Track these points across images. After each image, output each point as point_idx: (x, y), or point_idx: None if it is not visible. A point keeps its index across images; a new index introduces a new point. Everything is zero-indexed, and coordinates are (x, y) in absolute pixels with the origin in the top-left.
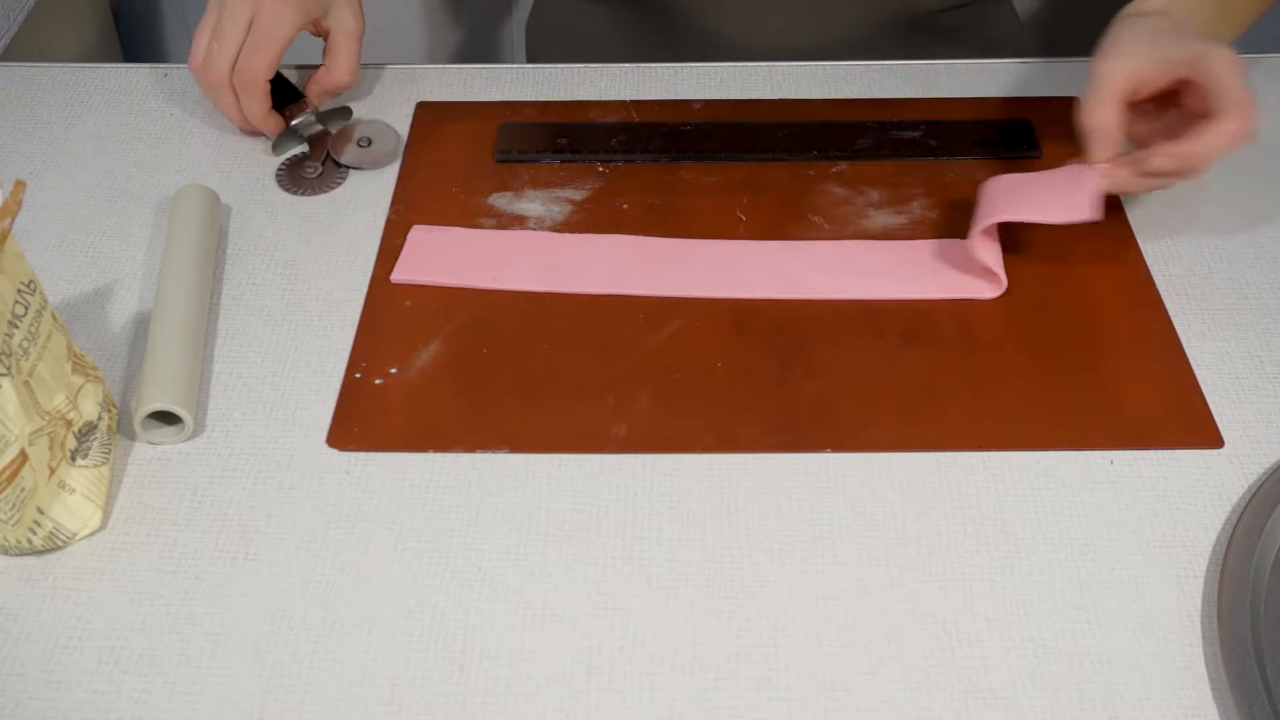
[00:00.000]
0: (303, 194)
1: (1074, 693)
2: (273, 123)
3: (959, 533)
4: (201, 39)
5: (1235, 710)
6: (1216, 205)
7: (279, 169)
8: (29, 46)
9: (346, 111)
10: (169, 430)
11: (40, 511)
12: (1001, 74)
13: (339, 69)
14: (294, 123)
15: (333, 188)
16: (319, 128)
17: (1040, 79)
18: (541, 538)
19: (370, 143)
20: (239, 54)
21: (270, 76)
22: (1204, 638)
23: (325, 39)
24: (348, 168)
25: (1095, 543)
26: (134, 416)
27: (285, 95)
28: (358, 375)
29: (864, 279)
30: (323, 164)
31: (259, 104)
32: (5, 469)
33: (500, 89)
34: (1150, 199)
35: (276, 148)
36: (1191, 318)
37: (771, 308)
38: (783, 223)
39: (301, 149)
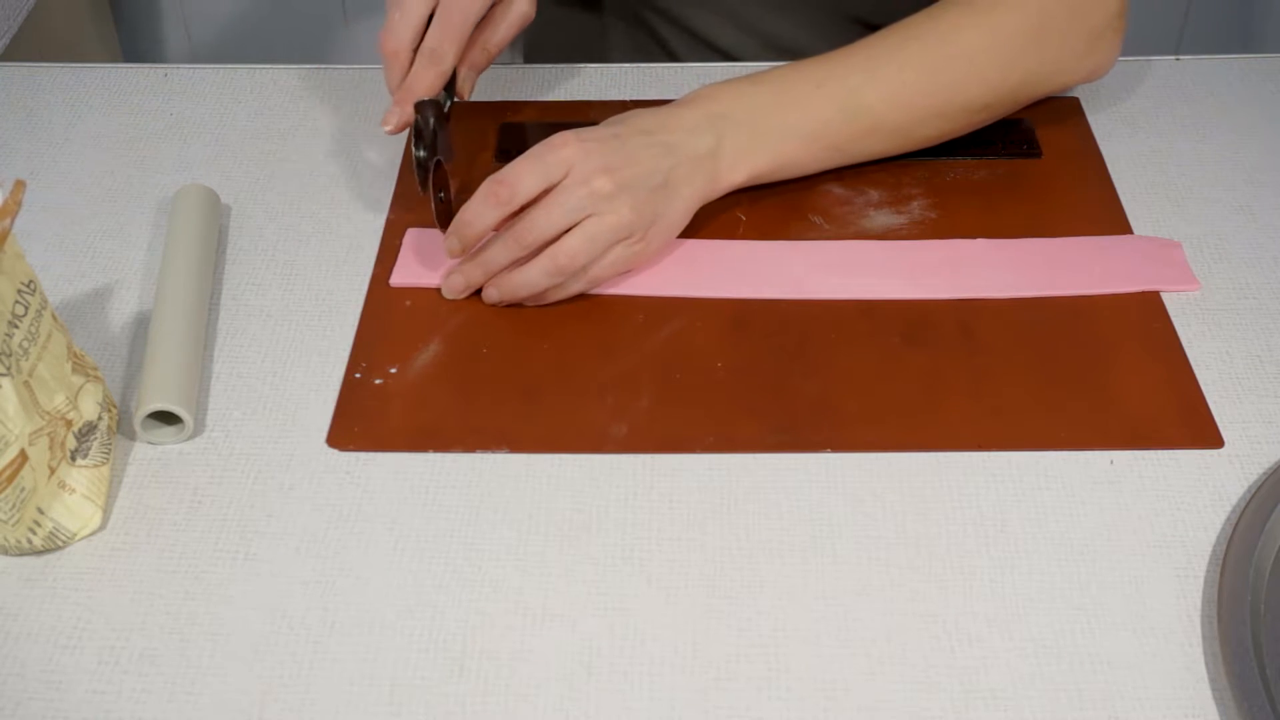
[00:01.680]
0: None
1: (1074, 693)
2: (406, 109)
3: (959, 533)
4: (390, 12)
5: (1235, 710)
6: (1216, 206)
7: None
8: (29, 46)
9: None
10: (169, 430)
11: (40, 511)
12: None
13: (480, 42)
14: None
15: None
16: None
17: None
18: (541, 538)
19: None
20: (424, 27)
21: (458, 53)
22: (1204, 638)
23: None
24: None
25: (1095, 543)
26: (134, 416)
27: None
28: (358, 375)
29: (864, 278)
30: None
31: (431, 79)
32: (5, 469)
33: (500, 89)
34: (1148, 198)
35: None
36: (1191, 318)
37: (771, 308)
38: (783, 223)
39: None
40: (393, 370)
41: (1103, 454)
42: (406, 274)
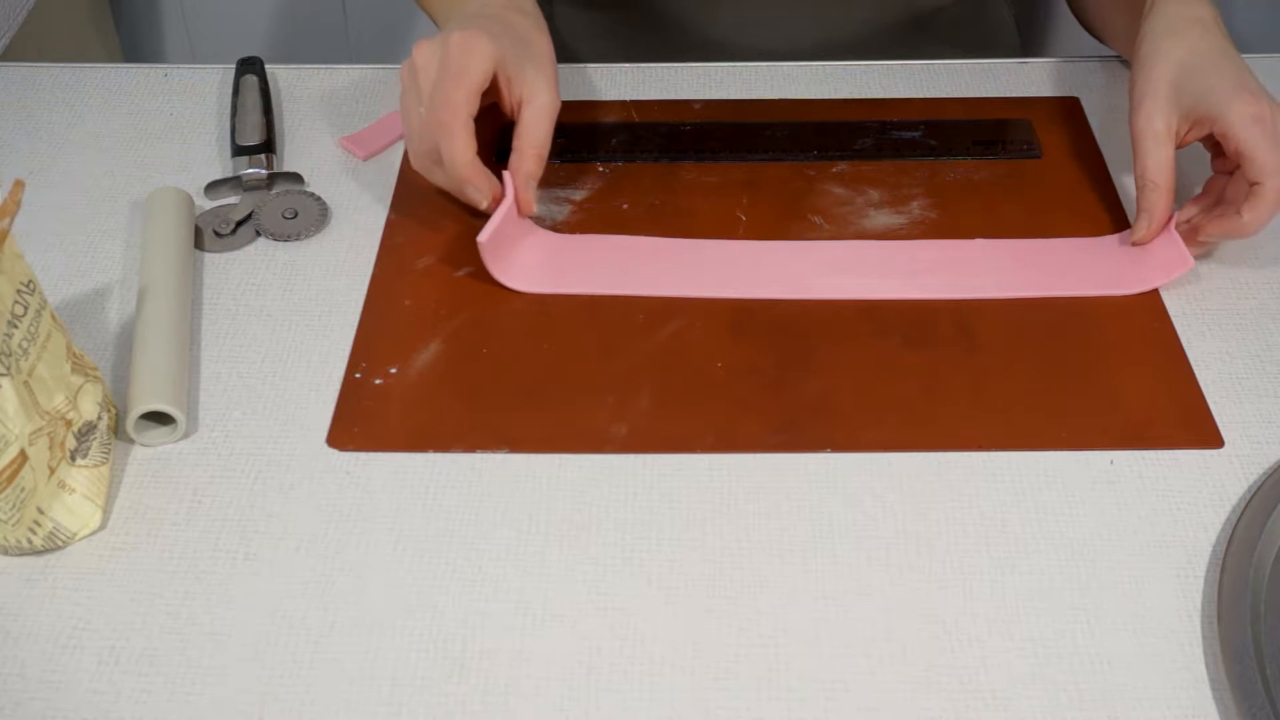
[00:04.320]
0: (209, 251)
1: (1074, 693)
2: (481, 175)
3: (959, 533)
4: (405, 109)
5: (1235, 710)
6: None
7: (204, 212)
8: (29, 46)
9: (297, 179)
10: (162, 431)
11: (40, 511)
12: (1001, 74)
13: (525, 150)
14: (241, 172)
15: (236, 248)
16: (261, 185)
17: (1040, 79)
18: (541, 538)
19: (295, 214)
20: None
21: (473, 113)
22: (1204, 638)
23: (516, 114)
24: (263, 235)
25: (1095, 543)
26: (125, 420)
27: (257, 128)
28: (358, 375)
29: (864, 278)
30: (239, 223)
31: (461, 147)
32: (5, 469)
33: None
34: None
35: (210, 190)
36: (1191, 318)
37: (771, 308)
38: (783, 223)
39: (232, 199)
40: (393, 370)
41: (1103, 454)
42: (515, 277)
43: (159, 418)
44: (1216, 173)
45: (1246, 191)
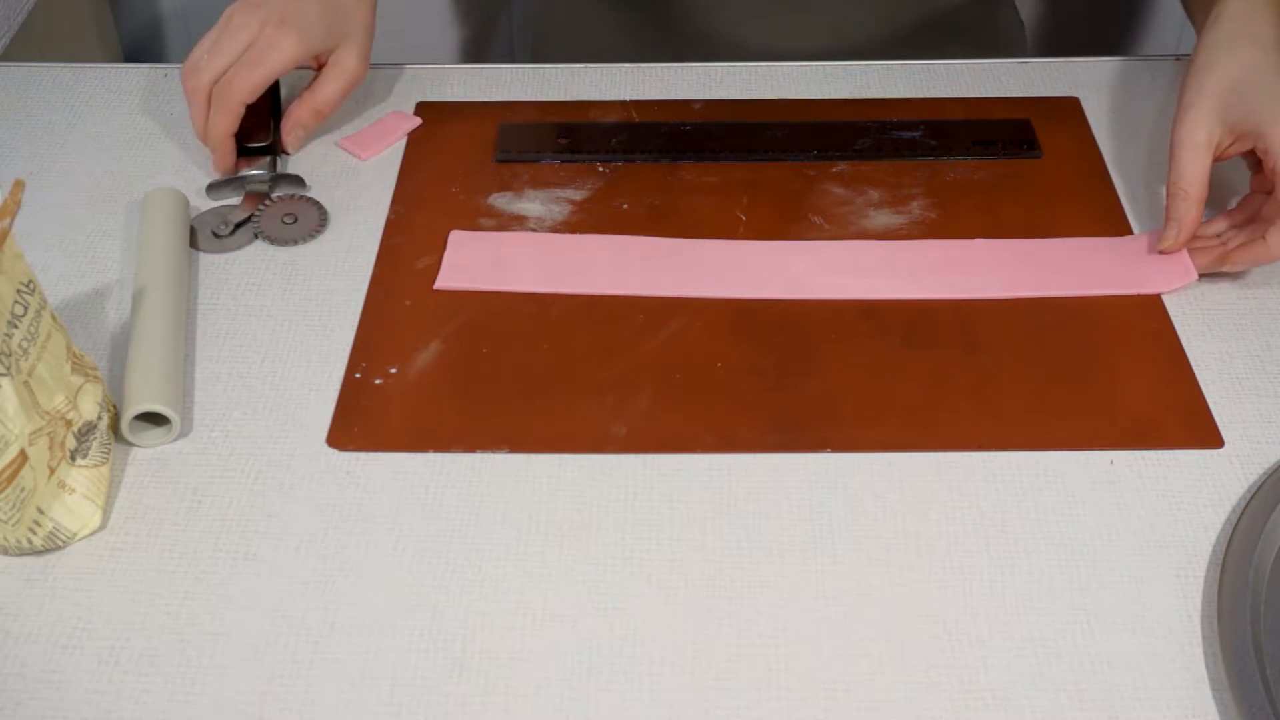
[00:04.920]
0: (206, 251)
1: (1074, 693)
2: (225, 152)
3: (959, 533)
4: (200, 48)
5: (1235, 710)
6: (1217, 205)
7: (203, 213)
8: (29, 46)
9: (299, 182)
10: (158, 431)
11: (40, 511)
12: (1001, 74)
13: (309, 101)
14: (243, 173)
15: (234, 249)
16: (263, 188)
17: (1040, 79)
18: (541, 538)
19: (295, 220)
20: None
21: (248, 100)
22: (1204, 638)
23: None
24: (261, 239)
25: (1095, 543)
26: (121, 422)
27: (263, 131)
28: (358, 375)
29: (864, 278)
30: (238, 224)
31: (224, 123)
32: (5, 469)
33: (500, 89)
34: (1148, 198)
35: (212, 190)
36: (1191, 318)
37: (771, 308)
38: (783, 223)
39: (233, 200)
40: (393, 370)
41: (1103, 454)
42: (452, 277)
43: (155, 418)
44: (1254, 191)
45: (1277, 214)
